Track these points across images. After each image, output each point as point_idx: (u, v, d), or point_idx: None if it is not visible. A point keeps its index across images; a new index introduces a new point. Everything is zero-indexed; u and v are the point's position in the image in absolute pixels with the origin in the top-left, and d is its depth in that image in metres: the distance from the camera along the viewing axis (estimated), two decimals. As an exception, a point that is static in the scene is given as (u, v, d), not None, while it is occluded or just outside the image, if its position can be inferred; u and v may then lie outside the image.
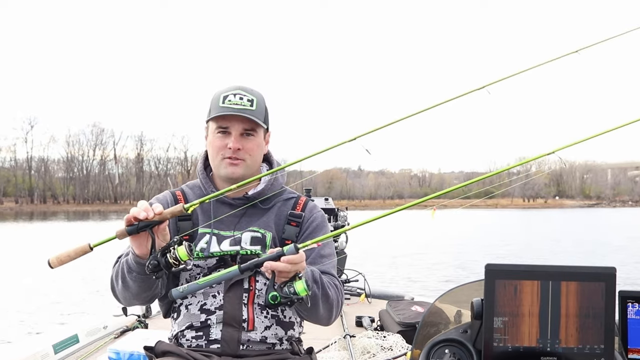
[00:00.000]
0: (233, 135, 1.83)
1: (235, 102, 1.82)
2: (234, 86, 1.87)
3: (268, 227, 1.87)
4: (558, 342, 1.39)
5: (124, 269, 1.71)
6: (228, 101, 1.82)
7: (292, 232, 1.89)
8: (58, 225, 41.42)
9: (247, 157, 1.85)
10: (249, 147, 1.85)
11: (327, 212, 5.79)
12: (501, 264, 1.40)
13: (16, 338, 6.46)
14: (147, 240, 1.61)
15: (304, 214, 1.92)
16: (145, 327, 3.97)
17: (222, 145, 1.84)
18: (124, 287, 1.74)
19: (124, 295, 1.78)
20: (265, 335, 1.80)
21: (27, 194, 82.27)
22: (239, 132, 1.83)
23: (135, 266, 1.67)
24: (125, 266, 1.70)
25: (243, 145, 1.84)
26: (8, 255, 18.85)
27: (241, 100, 1.83)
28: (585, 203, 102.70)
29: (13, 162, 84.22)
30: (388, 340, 3.54)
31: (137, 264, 1.66)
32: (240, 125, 1.83)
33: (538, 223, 44.10)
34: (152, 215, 1.58)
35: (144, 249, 1.63)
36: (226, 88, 1.87)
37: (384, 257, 17.07)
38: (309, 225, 1.91)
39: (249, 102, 1.83)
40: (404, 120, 1.92)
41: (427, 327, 1.66)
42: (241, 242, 1.84)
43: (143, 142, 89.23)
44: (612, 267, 1.40)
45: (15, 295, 11.25)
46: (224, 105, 1.82)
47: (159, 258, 1.56)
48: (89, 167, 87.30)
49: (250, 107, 1.83)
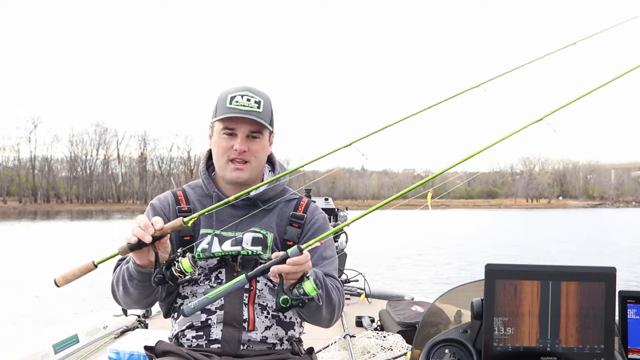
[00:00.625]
0: (239, 137, 1.82)
1: (242, 103, 1.81)
2: (242, 87, 1.86)
3: (269, 228, 1.87)
4: (558, 342, 1.39)
5: (124, 276, 1.71)
6: (235, 102, 1.81)
7: (294, 234, 1.88)
8: (61, 224, 41.45)
9: (253, 159, 1.85)
10: (255, 149, 1.85)
11: (327, 212, 5.76)
12: (501, 264, 1.40)
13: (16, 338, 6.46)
14: (149, 253, 1.62)
15: (306, 215, 1.92)
16: (145, 327, 3.97)
17: (228, 147, 1.83)
18: (125, 293, 1.74)
19: (125, 300, 1.78)
20: (266, 335, 1.80)
21: (30, 193, 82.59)
22: (246, 133, 1.83)
23: (136, 274, 1.67)
24: (126, 274, 1.70)
25: (249, 147, 1.83)
26: (11, 254, 18.85)
27: (248, 102, 1.82)
28: (588, 203, 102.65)
29: (17, 161, 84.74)
30: (388, 340, 3.54)
31: (138, 272, 1.66)
32: (247, 127, 1.82)
33: (541, 223, 44.03)
34: (153, 232, 1.58)
35: (146, 260, 1.63)
36: (233, 88, 1.86)
37: (384, 257, 17.07)
38: (310, 226, 1.91)
39: (256, 104, 1.83)
40: (400, 122, 1.91)
41: (427, 327, 1.65)
42: (242, 243, 1.84)
43: (146, 141, 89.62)
44: (612, 267, 1.40)
45: (16, 295, 11.27)
46: (231, 106, 1.81)
47: (164, 272, 1.57)
48: (92, 166, 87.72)
49: (258, 109, 1.82)
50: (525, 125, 1.63)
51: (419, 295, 5.35)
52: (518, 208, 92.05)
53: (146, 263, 1.63)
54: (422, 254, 19.05)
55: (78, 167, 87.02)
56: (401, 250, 19.58)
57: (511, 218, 54.86)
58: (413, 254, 18.92)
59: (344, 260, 5.56)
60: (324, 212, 2.00)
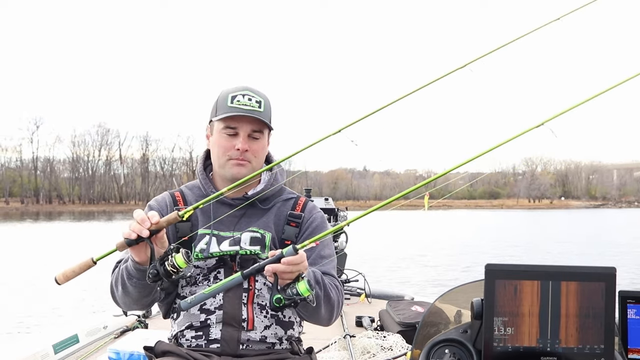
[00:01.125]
0: (241, 136, 1.83)
1: (244, 102, 1.82)
2: (242, 87, 1.87)
3: (267, 227, 1.87)
4: (558, 342, 1.38)
5: (123, 276, 1.71)
6: (237, 101, 1.82)
7: (292, 233, 1.88)
8: (64, 225, 41.47)
9: (253, 158, 1.86)
10: (255, 149, 1.85)
11: (327, 213, 5.79)
12: (501, 264, 1.40)
13: (16, 338, 6.46)
14: (145, 249, 1.62)
15: (304, 214, 1.92)
16: (145, 327, 3.97)
17: (229, 146, 1.84)
18: (124, 292, 1.74)
19: (124, 300, 1.79)
20: (265, 335, 1.80)
21: (32, 194, 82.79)
22: (247, 133, 1.83)
23: (135, 272, 1.67)
24: (125, 273, 1.70)
25: (250, 146, 1.84)
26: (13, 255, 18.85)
27: (250, 102, 1.82)
28: (591, 204, 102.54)
29: (19, 162, 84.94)
30: (388, 340, 3.54)
31: (137, 270, 1.66)
32: (248, 126, 1.83)
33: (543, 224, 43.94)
34: (149, 225, 1.58)
35: (143, 256, 1.63)
36: (233, 88, 1.86)
37: (384, 258, 17.06)
38: (308, 226, 1.90)
39: (257, 104, 1.83)
40: (388, 107, 1.89)
41: (427, 327, 1.65)
42: (240, 243, 1.83)
43: (148, 142, 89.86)
44: (612, 267, 1.39)
45: (16, 295, 11.27)
46: (233, 105, 1.81)
47: (158, 267, 1.56)
48: (95, 167, 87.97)
49: (259, 108, 1.83)
50: (525, 130, 1.60)
51: (419, 295, 5.35)
52: (520, 208, 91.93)
53: (144, 259, 1.63)
54: (423, 254, 19.03)
55: (80, 168, 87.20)
56: (402, 250, 19.58)
57: (513, 218, 54.78)
58: (414, 254, 18.91)
59: (344, 260, 5.56)
60: (324, 212, 2.00)
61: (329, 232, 1.69)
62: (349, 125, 1.84)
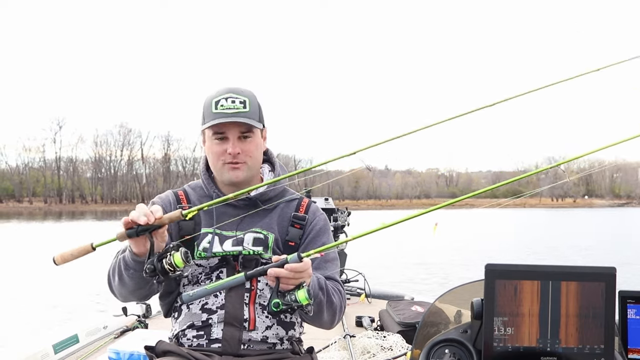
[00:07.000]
0: (231, 140, 1.82)
1: (228, 106, 1.81)
2: (224, 89, 1.85)
3: (271, 228, 1.87)
4: (558, 342, 1.39)
5: (120, 265, 1.71)
6: (221, 106, 1.81)
7: (296, 235, 1.89)
8: (86, 224, 41.42)
9: (248, 159, 1.85)
10: (248, 149, 1.85)
11: (327, 212, 5.77)
12: (501, 263, 1.40)
13: (16, 338, 6.46)
14: (145, 242, 1.61)
15: (308, 216, 1.92)
16: (145, 327, 3.97)
17: (221, 151, 1.84)
18: (120, 282, 1.74)
19: (120, 291, 1.78)
20: (266, 335, 1.80)
21: (55, 193, 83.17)
22: (236, 135, 1.82)
23: (132, 263, 1.66)
24: (122, 262, 1.70)
25: (242, 148, 1.83)
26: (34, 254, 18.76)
27: (234, 104, 1.81)
28: (614, 202, 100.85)
29: (42, 162, 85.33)
30: (388, 340, 3.54)
31: (134, 261, 1.65)
32: (236, 129, 1.82)
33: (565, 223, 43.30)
34: (153, 220, 1.57)
35: (142, 248, 1.62)
36: (216, 92, 1.85)
37: (384, 257, 17.04)
38: (312, 228, 1.91)
39: (241, 104, 1.82)
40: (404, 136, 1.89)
41: (427, 327, 1.66)
42: (243, 243, 1.84)
43: (170, 142, 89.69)
44: (612, 267, 1.40)
45: (17, 295, 11.26)
46: (217, 111, 1.80)
47: (155, 263, 1.55)
48: (117, 167, 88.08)
49: (244, 109, 1.82)
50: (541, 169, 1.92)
51: (419, 295, 5.36)
52: (543, 207, 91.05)
53: (143, 251, 1.62)
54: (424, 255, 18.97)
55: (102, 167, 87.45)
56: (402, 251, 19.53)
57: (536, 217, 54.14)
58: (414, 254, 18.87)
59: (344, 260, 5.57)
60: (324, 212, 2.01)
61: (335, 245, 1.73)
62: (364, 149, 1.81)
